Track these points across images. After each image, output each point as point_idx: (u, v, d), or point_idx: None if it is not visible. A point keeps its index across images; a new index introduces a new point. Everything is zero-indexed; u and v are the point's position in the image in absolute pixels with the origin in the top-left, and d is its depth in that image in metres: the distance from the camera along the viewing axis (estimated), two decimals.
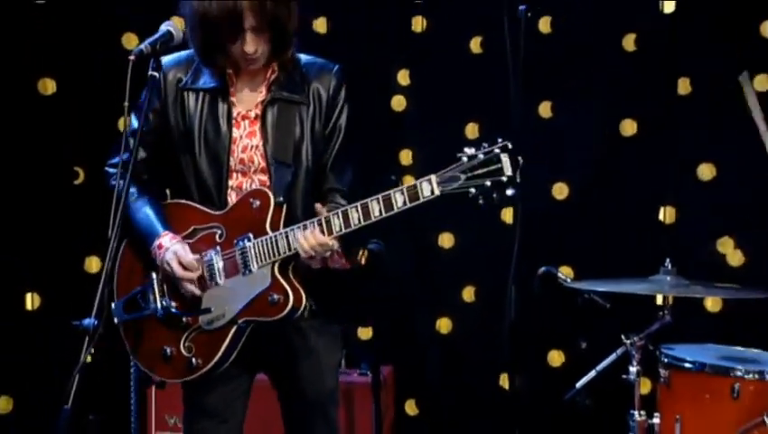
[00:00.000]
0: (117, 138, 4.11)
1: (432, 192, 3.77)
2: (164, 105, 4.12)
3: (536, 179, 5.63)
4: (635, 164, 6.01)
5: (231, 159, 4.07)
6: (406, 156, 6.22)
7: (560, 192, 6.12)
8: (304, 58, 4.15)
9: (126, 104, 3.81)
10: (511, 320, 4.86)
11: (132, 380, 5.30)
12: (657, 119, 5.96)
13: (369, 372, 5.65)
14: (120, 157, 3.95)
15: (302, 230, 3.92)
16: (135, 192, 4.09)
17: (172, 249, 4.03)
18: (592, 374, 4.86)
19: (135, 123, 4.05)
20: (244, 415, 4.28)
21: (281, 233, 3.95)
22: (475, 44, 6.14)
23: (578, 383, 4.88)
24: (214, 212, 4.08)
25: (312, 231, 3.90)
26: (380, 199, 3.83)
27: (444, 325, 6.26)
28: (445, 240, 6.23)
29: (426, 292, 6.26)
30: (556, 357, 6.15)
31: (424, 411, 6.26)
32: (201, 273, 4.04)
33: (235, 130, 4.08)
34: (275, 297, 3.97)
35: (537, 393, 5.90)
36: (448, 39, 6.14)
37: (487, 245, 5.98)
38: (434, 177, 3.77)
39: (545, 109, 6.08)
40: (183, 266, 4.02)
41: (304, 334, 4.14)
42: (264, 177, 4.07)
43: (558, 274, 4.91)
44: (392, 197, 3.81)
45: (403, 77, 6.23)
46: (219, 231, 4.06)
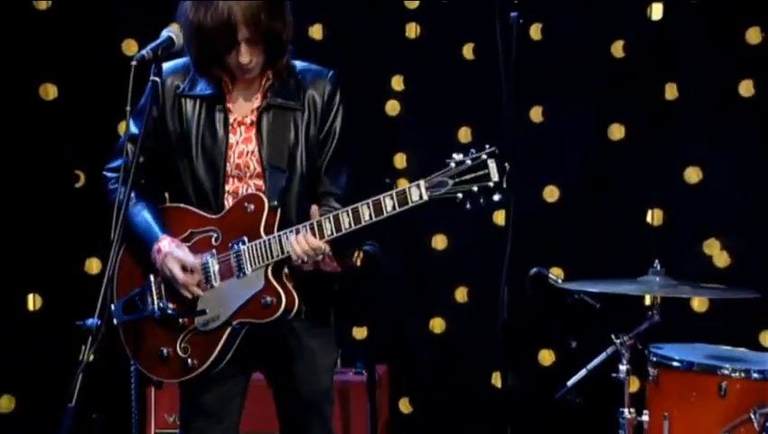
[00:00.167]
0: (115, 143, 4.18)
1: (420, 196, 3.80)
2: (163, 111, 4.12)
3: (527, 182, 5.69)
4: (624, 167, 6.04)
5: (228, 164, 4.08)
6: (400, 160, 6.22)
7: (551, 194, 6.13)
8: (299, 65, 4.16)
9: (128, 108, 3.84)
10: (504, 320, 4.85)
11: (132, 378, 5.28)
12: (645, 124, 6.00)
13: (364, 370, 5.66)
14: (120, 161, 3.98)
15: (294, 233, 3.94)
16: (134, 196, 4.07)
17: (172, 252, 4.03)
18: (583, 373, 4.87)
19: (134, 128, 4.06)
20: (240, 415, 4.27)
21: (274, 237, 3.97)
22: (468, 50, 6.16)
23: (569, 382, 4.90)
24: (211, 215, 4.09)
25: (304, 234, 3.92)
26: (371, 204, 3.85)
27: (438, 325, 6.26)
28: (439, 242, 6.23)
29: (420, 293, 6.26)
30: (547, 356, 6.16)
31: (418, 409, 6.26)
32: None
33: (231, 136, 4.09)
34: (267, 300, 3.98)
35: (529, 391, 5.91)
36: (441, 45, 6.16)
37: (480, 247, 5.99)
38: (422, 182, 3.80)
39: (536, 114, 6.10)
40: (186, 269, 4.03)
41: (298, 336, 4.14)
42: (259, 182, 4.08)
43: (549, 275, 4.93)
44: (382, 202, 3.84)
45: (397, 82, 6.23)
46: (215, 234, 4.07)
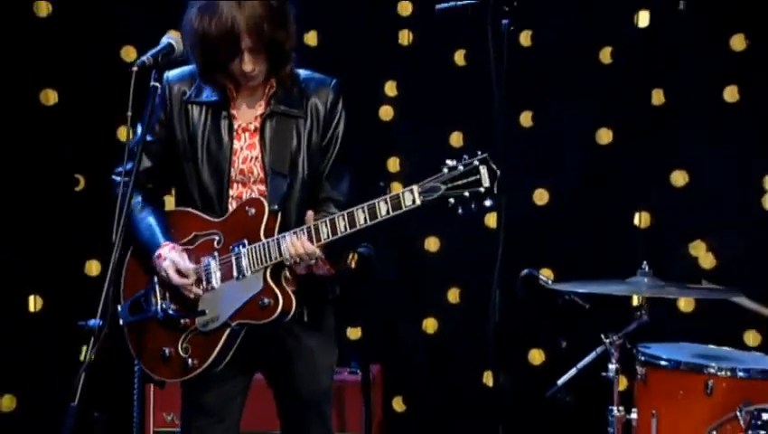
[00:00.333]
0: (123, 148, 4.17)
1: (413, 201, 3.86)
2: (170, 117, 4.19)
3: (518, 186, 5.74)
4: (612, 171, 6.10)
5: (232, 169, 4.16)
6: (393, 164, 6.28)
7: (541, 198, 6.19)
8: (303, 73, 4.22)
9: (130, 114, 3.88)
10: (495, 321, 4.84)
11: (136, 378, 5.34)
12: (632, 128, 6.05)
13: (358, 370, 5.70)
14: (127, 165, 4.02)
15: (291, 236, 4.00)
16: (140, 200, 4.17)
17: (169, 257, 4.10)
18: (573, 372, 4.92)
19: (140, 133, 4.11)
20: (240, 414, 4.32)
21: (273, 240, 4.03)
22: (459, 57, 6.22)
23: (559, 381, 4.94)
24: (214, 219, 4.16)
25: (300, 237, 3.98)
26: (365, 208, 3.92)
27: (431, 325, 6.31)
28: (432, 244, 6.28)
29: (413, 294, 6.31)
30: (538, 356, 6.21)
31: (411, 408, 6.30)
32: (199, 277, 4.12)
33: (236, 142, 4.17)
34: (265, 301, 4.04)
35: (520, 391, 5.94)
36: (434, 51, 6.21)
37: (472, 249, 6.03)
38: (415, 187, 3.87)
39: (526, 119, 6.15)
40: (180, 272, 4.09)
41: (297, 336, 4.20)
42: (263, 187, 4.15)
43: (540, 276, 4.97)
44: (377, 206, 3.91)
45: (390, 88, 6.29)
46: (217, 237, 4.14)
